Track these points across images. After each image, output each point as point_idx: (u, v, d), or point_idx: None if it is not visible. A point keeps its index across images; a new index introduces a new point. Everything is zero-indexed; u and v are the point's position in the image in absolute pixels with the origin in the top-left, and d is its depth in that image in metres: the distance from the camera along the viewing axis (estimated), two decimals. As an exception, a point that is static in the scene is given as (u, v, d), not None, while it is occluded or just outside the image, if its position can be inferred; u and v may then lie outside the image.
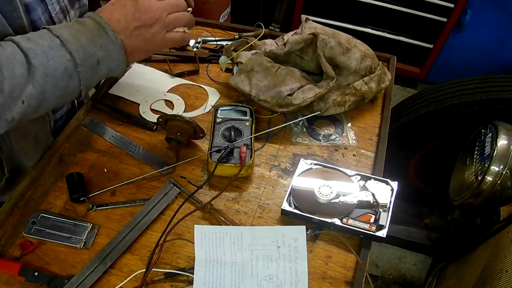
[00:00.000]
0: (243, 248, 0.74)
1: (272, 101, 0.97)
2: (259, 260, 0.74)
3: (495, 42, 2.36)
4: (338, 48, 0.98)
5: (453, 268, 1.32)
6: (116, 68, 0.77)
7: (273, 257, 0.74)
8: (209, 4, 2.14)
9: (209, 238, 0.75)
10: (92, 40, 0.72)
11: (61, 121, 1.02)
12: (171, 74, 1.13)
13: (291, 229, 0.76)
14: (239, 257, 0.74)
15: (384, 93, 1.10)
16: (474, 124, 1.38)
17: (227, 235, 0.75)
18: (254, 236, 0.75)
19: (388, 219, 0.79)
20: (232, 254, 0.74)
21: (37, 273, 0.73)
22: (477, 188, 1.17)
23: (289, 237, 0.75)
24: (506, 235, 1.07)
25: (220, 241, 0.74)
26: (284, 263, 0.73)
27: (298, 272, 0.72)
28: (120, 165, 0.92)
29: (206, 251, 0.73)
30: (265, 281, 0.72)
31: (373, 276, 1.88)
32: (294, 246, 0.74)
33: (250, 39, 1.12)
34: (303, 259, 0.74)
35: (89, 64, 0.72)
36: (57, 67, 0.68)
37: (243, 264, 0.73)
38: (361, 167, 0.94)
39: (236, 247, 0.74)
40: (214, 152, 0.88)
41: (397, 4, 2.34)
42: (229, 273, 0.72)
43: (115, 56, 0.75)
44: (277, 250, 0.74)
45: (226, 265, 0.73)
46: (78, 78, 0.71)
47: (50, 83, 0.68)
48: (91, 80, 0.75)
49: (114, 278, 0.74)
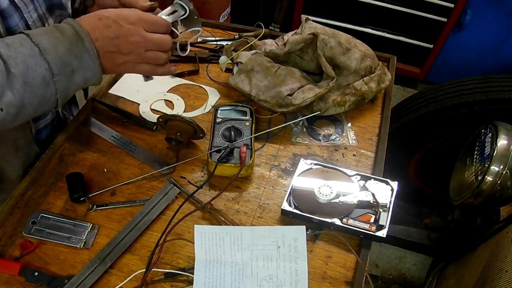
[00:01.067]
0: (243, 248, 0.74)
1: (272, 101, 0.97)
2: (259, 260, 0.74)
3: (495, 42, 2.36)
4: (338, 48, 0.98)
5: (453, 268, 1.32)
6: (92, 77, 0.77)
7: (273, 257, 0.74)
8: (209, 4, 2.14)
9: (209, 238, 0.75)
10: (69, 50, 0.72)
11: (45, 131, 1.00)
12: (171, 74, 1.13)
13: (291, 229, 0.76)
14: (239, 257, 0.74)
15: (384, 93, 1.10)
16: (474, 124, 1.38)
17: (227, 235, 0.75)
18: (254, 236, 0.75)
19: (388, 219, 0.79)
20: (232, 254, 0.74)
21: (37, 273, 0.73)
22: (477, 188, 1.17)
23: (289, 237, 0.75)
24: (506, 235, 1.07)
25: (220, 241, 0.74)
26: (284, 263, 0.73)
27: (298, 272, 0.72)
28: (120, 165, 0.92)
29: (206, 251, 0.73)
30: (265, 281, 0.72)
31: (373, 276, 1.88)
32: (294, 246, 0.74)
33: (250, 39, 1.12)
34: (303, 259, 0.74)
35: (65, 73, 0.72)
36: (35, 76, 0.68)
37: (243, 264, 0.73)
38: (361, 167, 0.94)
39: (236, 247, 0.74)
40: (214, 152, 0.88)
41: (397, 4, 2.34)
42: (229, 273, 0.72)
43: (90, 66, 0.75)
44: (277, 250, 0.74)
45: (226, 265, 0.73)
46: (55, 87, 0.71)
47: (28, 92, 0.68)
48: (67, 89, 0.74)
49: (114, 278, 0.74)
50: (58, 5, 0.88)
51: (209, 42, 1.23)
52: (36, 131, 0.94)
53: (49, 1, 0.85)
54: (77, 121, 0.99)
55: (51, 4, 0.86)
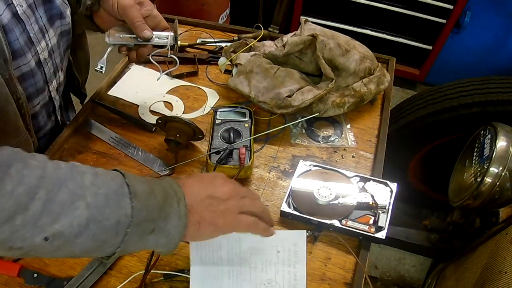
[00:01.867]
0: (241, 252, 0.73)
1: (271, 102, 0.97)
2: (258, 264, 0.72)
3: (494, 43, 2.37)
4: (337, 49, 0.98)
5: (452, 270, 1.32)
6: (164, 245, 0.60)
7: (272, 262, 0.72)
8: (208, 6, 2.14)
9: (206, 243, 0.71)
10: (161, 206, 0.59)
11: (44, 139, 0.98)
12: (170, 75, 1.13)
13: (291, 233, 0.73)
14: (237, 261, 0.72)
15: (383, 95, 1.10)
16: (473, 126, 1.38)
17: (224, 239, 0.72)
18: (253, 240, 0.72)
19: (387, 221, 0.79)
20: (229, 259, 0.72)
21: (36, 274, 0.73)
22: (476, 190, 1.17)
23: (289, 242, 0.72)
24: (505, 237, 1.07)
25: (217, 246, 0.72)
26: (283, 267, 0.72)
27: (297, 277, 0.71)
28: (119, 166, 0.92)
29: (202, 256, 0.71)
30: (264, 286, 0.71)
31: (372, 278, 1.88)
32: (294, 251, 0.72)
33: (249, 40, 1.13)
34: (303, 264, 0.72)
35: (142, 229, 0.57)
36: (110, 218, 0.54)
37: (241, 268, 0.72)
38: (360, 169, 0.94)
39: (234, 251, 0.72)
40: (213, 153, 0.88)
41: (396, 5, 2.34)
42: (227, 278, 0.71)
43: (172, 232, 0.60)
44: (277, 255, 0.72)
45: (223, 270, 0.71)
46: (123, 238, 0.56)
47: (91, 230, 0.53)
48: (132, 245, 0.58)
49: (113, 280, 0.74)
50: (58, 15, 0.87)
51: (208, 44, 1.23)
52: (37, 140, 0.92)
53: (49, 12, 0.84)
54: (76, 122, 0.99)
55: (51, 15, 0.85)
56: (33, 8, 0.79)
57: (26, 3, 0.77)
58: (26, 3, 0.77)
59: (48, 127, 0.98)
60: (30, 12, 0.78)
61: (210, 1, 2.12)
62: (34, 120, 0.88)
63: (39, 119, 0.91)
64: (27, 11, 0.77)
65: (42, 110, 0.91)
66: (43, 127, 0.95)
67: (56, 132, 1.01)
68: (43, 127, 0.95)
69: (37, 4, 0.80)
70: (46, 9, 0.83)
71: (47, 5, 0.83)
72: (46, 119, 0.95)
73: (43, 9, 0.82)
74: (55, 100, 0.94)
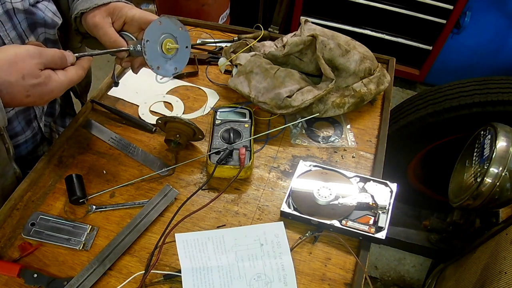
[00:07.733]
0: (227, 250, 0.74)
1: (271, 102, 0.97)
2: (245, 260, 0.74)
3: (494, 44, 2.37)
4: (337, 49, 0.98)
5: (452, 270, 1.32)
6: None
7: (258, 255, 0.74)
8: (208, 6, 2.14)
9: (192, 245, 0.74)
10: None
11: (26, 146, 0.96)
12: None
13: (271, 225, 0.77)
14: (225, 260, 0.73)
15: (383, 95, 1.10)
16: (473, 126, 1.38)
17: (209, 240, 0.75)
18: (236, 237, 0.75)
19: (387, 221, 0.79)
20: (217, 258, 0.74)
21: (36, 274, 0.73)
22: (476, 190, 1.17)
23: (271, 234, 0.75)
24: (505, 237, 1.07)
25: (203, 247, 0.74)
26: (269, 260, 0.74)
27: (285, 267, 0.73)
28: (119, 166, 0.92)
29: (190, 259, 0.73)
30: (254, 280, 0.72)
31: (372, 278, 1.88)
32: (277, 242, 0.75)
33: (249, 40, 1.13)
34: (287, 254, 0.74)
35: None
36: None
37: (230, 266, 0.73)
38: (360, 169, 0.94)
39: (220, 250, 0.74)
40: (213, 153, 0.88)
41: (397, 5, 2.34)
42: (217, 277, 0.72)
43: None
44: (261, 248, 0.75)
45: (213, 270, 0.73)
46: None
47: None
48: None
49: (113, 280, 0.74)
50: (42, 23, 0.85)
51: (208, 44, 1.23)
52: (14, 147, 0.88)
53: (31, 18, 0.83)
54: (76, 122, 0.99)
55: (33, 21, 0.84)
56: (10, 14, 0.79)
57: (2, 9, 0.76)
58: (2, 9, 0.76)
59: (29, 134, 0.96)
60: (6, 18, 0.78)
61: (210, 1, 2.12)
62: (8, 125, 0.84)
63: (14, 125, 0.90)
64: (2, 17, 0.77)
65: (17, 116, 0.90)
66: (20, 133, 0.93)
67: (42, 139, 1.00)
68: (20, 133, 0.93)
69: (16, 11, 0.79)
70: (27, 16, 0.82)
71: (29, 13, 0.82)
72: (25, 126, 0.93)
73: (24, 15, 0.81)
74: (36, 108, 0.94)
